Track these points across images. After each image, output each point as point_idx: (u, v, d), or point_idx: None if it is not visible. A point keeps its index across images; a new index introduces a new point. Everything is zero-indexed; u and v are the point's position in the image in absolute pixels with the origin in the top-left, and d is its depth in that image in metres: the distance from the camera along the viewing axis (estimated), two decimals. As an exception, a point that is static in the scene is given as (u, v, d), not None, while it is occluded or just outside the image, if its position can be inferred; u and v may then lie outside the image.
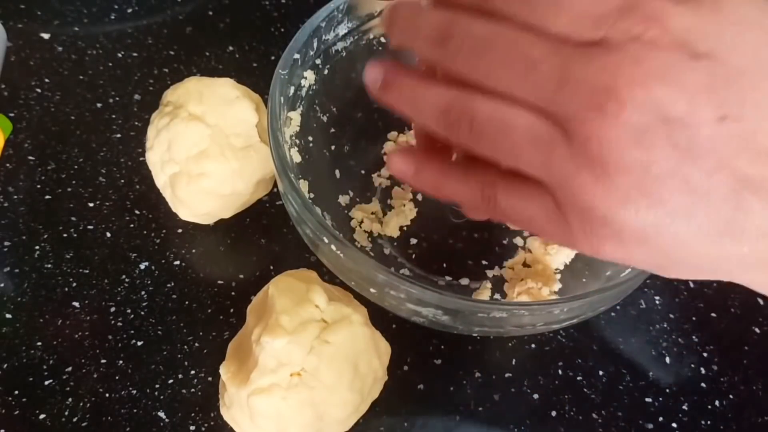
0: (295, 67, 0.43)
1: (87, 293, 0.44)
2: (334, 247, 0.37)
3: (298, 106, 0.45)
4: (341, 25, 0.46)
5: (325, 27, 0.45)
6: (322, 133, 0.48)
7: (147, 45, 0.57)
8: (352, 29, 0.47)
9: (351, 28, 0.47)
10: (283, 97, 0.42)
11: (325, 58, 0.46)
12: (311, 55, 0.45)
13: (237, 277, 0.46)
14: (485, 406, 0.42)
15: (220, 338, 0.43)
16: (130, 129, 0.52)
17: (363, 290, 0.39)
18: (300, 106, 0.45)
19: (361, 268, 0.37)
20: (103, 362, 0.42)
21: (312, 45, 0.44)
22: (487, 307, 0.36)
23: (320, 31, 0.45)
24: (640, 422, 0.42)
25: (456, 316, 0.37)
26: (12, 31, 0.56)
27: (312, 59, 0.45)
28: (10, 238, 0.46)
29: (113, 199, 0.48)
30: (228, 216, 0.46)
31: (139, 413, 0.40)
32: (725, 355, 0.45)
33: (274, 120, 0.40)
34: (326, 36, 0.45)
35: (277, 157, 0.39)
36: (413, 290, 0.35)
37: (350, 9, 0.45)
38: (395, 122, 0.51)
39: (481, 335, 0.43)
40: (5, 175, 0.49)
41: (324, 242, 0.37)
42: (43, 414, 0.40)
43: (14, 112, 0.52)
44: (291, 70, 0.43)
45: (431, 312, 0.37)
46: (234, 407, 0.36)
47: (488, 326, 0.37)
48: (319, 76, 0.46)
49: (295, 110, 0.45)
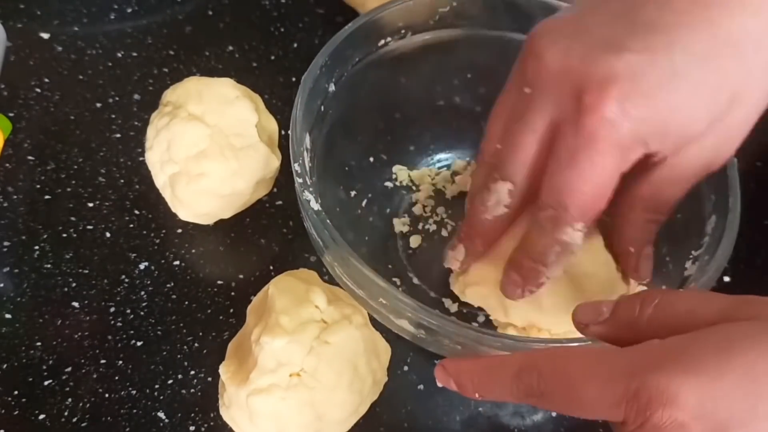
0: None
1: (87, 293, 0.44)
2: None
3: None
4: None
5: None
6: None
7: (147, 45, 0.57)
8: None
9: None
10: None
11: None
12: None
13: (237, 277, 0.46)
14: (485, 406, 0.42)
15: (220, 338, 0.43)
16: (130, 129, 0.52)
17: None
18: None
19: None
20: (103, 362, 0.42)
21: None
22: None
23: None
24: (641, 422, 0.42)
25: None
26: (12, 31, 0.55)
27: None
28: (10, 238, 0.46)
29: (113, 199, 0.48)
30: (228, 216, 0.46)
31: (138, 413, 0.40)
32: (725, 355, 0.45)
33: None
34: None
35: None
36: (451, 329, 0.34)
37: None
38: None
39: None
40: (5, 175, 0.49)
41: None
42: (42, 414, 0.40)
43: (14, 112, 0.52)
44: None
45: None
46: (233, 407, 0.36)
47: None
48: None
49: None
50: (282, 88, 0.55)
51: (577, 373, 0.25)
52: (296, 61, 0.57)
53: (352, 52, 0.45)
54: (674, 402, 0.22)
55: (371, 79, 0.46)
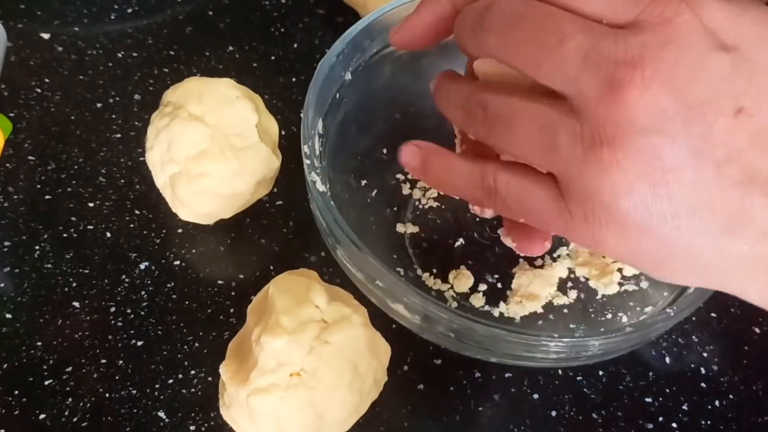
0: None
1: (87, 293, 0.44)
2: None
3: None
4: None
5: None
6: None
7: (147, 45, 0.57)
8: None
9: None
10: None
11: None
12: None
13: (237, 277, 0.46)
14: (485, 406, 0.42)
15: (220, 338, 0.43)
16: (130, 129, 0.52)
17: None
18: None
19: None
20: (103, 362, 0.42)
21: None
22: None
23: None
24: (640, 422, 0.42)
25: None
26: (12, 31, 0.56)
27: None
28: (10, 238, 0.46)
29: (113, 199, 0.48)
30: (228, 216, 0.46)
31: (139, 413, 0.40)
32: (725, 355, 0.45)
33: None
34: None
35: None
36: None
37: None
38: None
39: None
40: (5, 175, 0.49)
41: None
42: (43, 414, 0.40)
43: (14, 112, 0.52)
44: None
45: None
46: (233, 407, 0.36)
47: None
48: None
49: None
50: (282, 88, 0.56)
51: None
52: (296, 61, 0.57)
53: (371, 42, 0.45)
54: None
55: (388, 71, 0.46)
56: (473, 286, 0.45)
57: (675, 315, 0.37)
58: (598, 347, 0.36)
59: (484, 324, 0.35)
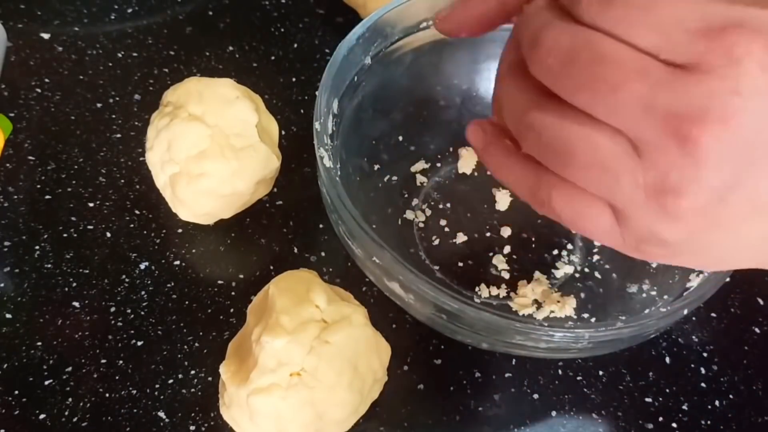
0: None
1: (87, 293, 0.44)
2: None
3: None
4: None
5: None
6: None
7: (147, 45, 0.57)
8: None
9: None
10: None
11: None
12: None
13: (237, 277, 0.46)
14: (485, 406, 0.42)
15: (220, 338, 0.43)
16: (130, 129, 0.52)
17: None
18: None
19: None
20: (103, 362, 0.42)
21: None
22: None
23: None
24: (640, 422, 0.42)
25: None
26: (12, 31, 0.56)
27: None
28: (10, 238, 0.46)
29: (113, 199, 0.48)
30: (228, 216, 0.46)
31: (139, 413, 0.40)
32: (725, 355, 0.45)
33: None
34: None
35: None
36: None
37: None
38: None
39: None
40: (5, 175, 0.49)
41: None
42: (43, 414, 0.40)
43: (14, 112, 0.52)
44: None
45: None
46: (234, 407, 0.36)
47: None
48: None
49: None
50: (282, 88, 0.56)
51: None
52: (296, 61, 0.57)
53: (392, 29, 0.45)
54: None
55: (409, 60, 0.46)
56: (477, 280, 0.45)
57: (669, 313, 0.37)
58: (588, 339, 0.36)
59: (475, 307, 0.35)
